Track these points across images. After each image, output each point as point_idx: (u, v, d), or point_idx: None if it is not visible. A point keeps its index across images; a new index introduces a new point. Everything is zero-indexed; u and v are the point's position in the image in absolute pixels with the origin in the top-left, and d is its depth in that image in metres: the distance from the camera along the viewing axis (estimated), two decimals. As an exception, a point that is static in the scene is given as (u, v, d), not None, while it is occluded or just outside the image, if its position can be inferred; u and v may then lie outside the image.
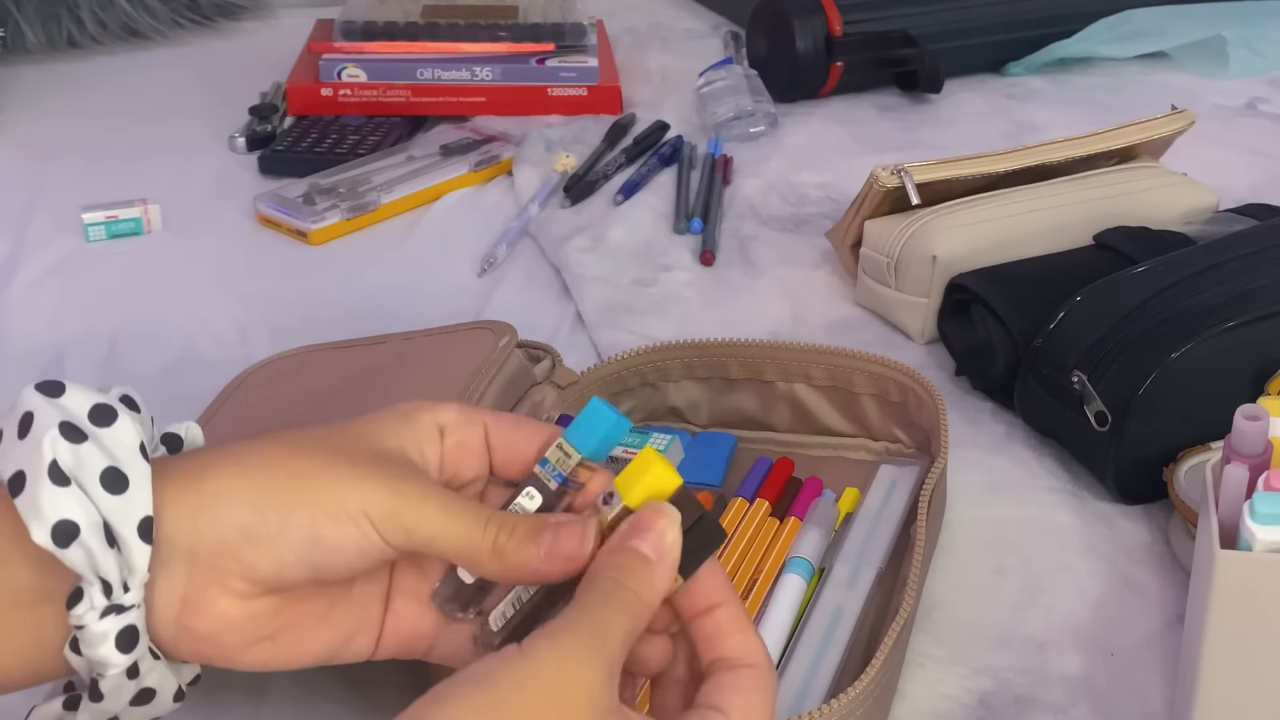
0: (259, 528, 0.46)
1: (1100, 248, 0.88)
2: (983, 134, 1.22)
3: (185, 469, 0.48)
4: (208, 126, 1.26)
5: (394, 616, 0.51)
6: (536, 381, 0.76)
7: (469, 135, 1.21)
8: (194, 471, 0.48)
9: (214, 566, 0.46)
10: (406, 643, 0.51)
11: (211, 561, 0.46)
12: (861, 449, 0.77)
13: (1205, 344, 0.71)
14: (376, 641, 0.51)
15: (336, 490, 0.47)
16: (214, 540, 0.46)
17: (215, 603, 0.47)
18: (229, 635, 0.47)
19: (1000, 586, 0.69)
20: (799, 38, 1.26)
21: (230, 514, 0.46)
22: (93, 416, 0.47)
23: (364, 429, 0.51)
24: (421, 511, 0.47)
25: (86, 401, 0.47)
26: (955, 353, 0.86)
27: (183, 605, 0.47)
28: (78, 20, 1.45)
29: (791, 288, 0.98)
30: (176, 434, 0.52)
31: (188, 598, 0.47)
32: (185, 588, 0.46)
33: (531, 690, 0.42)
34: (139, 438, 0.47)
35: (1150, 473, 0.72)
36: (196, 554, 0.46)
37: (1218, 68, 1.34)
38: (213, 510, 0.46)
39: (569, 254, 1.02)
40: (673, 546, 0.46)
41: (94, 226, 1.06)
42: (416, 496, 0.47)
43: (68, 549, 0.44)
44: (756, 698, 0.46)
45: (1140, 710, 0.62)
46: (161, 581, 0.46)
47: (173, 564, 0.46)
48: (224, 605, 0.47)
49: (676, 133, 1.23)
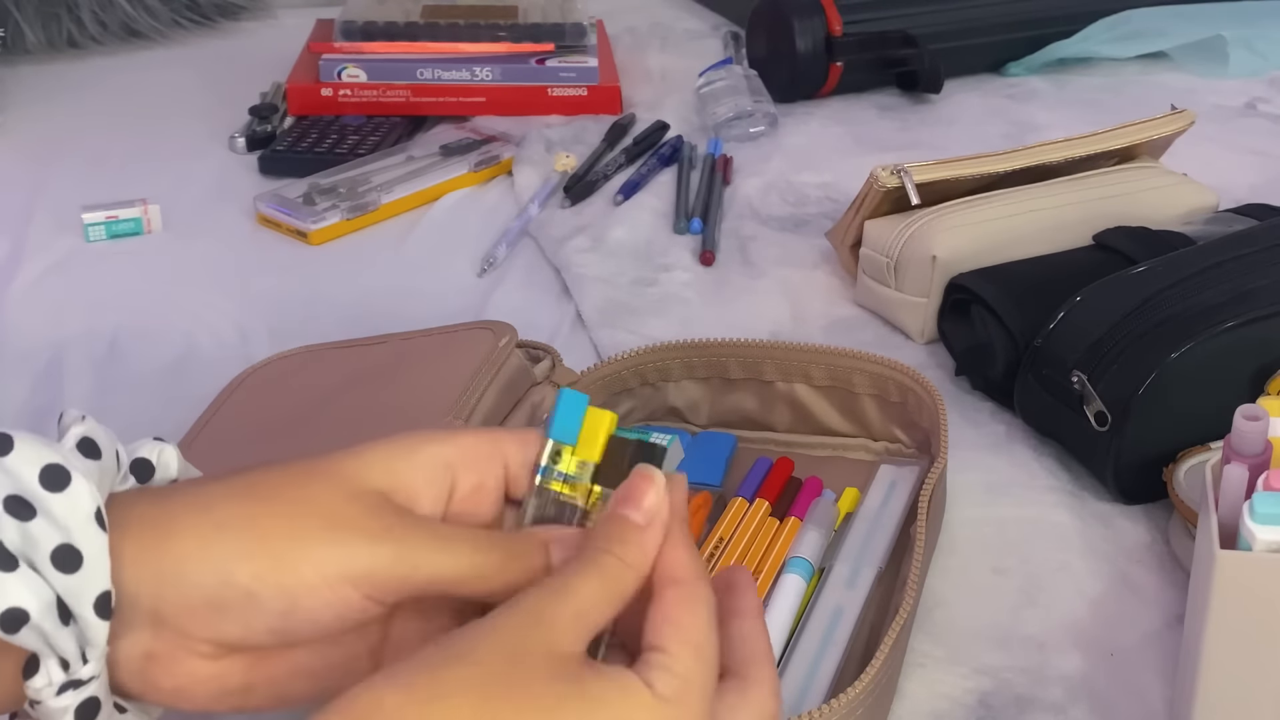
0: (227, 597, 0.43)
1: (1100, 248, 0.88)
2: (983, 134, 1.22)
3: (151, 521, 0.44)
4: (208, 126, 1.26)
5: (393, 649, 0.47)
6: (536, 382, 0.76)
7: (469, 135, 1.21)
8: (160, 526, 0.44)
9: (179, 629, 0.43)
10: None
11: (177, 625, 0.43)
12: (861, 449, 0.77)
13: (1205, 344, 0.71)
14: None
15: (312, 555, 0.43)
16: (179, 605, 0.43)
17: (182, 662, 0.44)
18: (198, 690, 0.44)
19: (1000, 586, 0.69)
20: (799, 38, 1.26)
21: (196, 580, 0.43)
22: (44, 480, 0.42)
23: (348, 466, 0.45)
24: (417, 555, 0.43)
25: (36, 462, 0.42)
26: (955, 353, 0.86)
27: (147, 661, 0.44)
28: (78, 20, 1.45)
29: (791, 288, 0.98)
30: (148, 460, 0.47)
31: (153, 654, 0.44)
32: (150, 645, 0.43)
33: (483, 640, 0.40)
34: (95, 502, 0.42)
35: (1150, 473, 0.72)
36: (161, 615, 0.43)
37: (1217, 68, 1.34)
38: (177, 575, 0.43)
39: (569, 254, 1.02)
40: (653, 507, 0.44)
41: (94, 226, 1.06)
42: (409, 541, 0.44)
43: (17, 634, 0.41)
44: (691, 622, 0.43)
45: (1140, 710, 0.62)
46: (124, 641, 0.43)
47: (136, 624, 0.43)
48: (191, 665, 0.44)
49: (676, 133, 1.23)
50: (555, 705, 0.39)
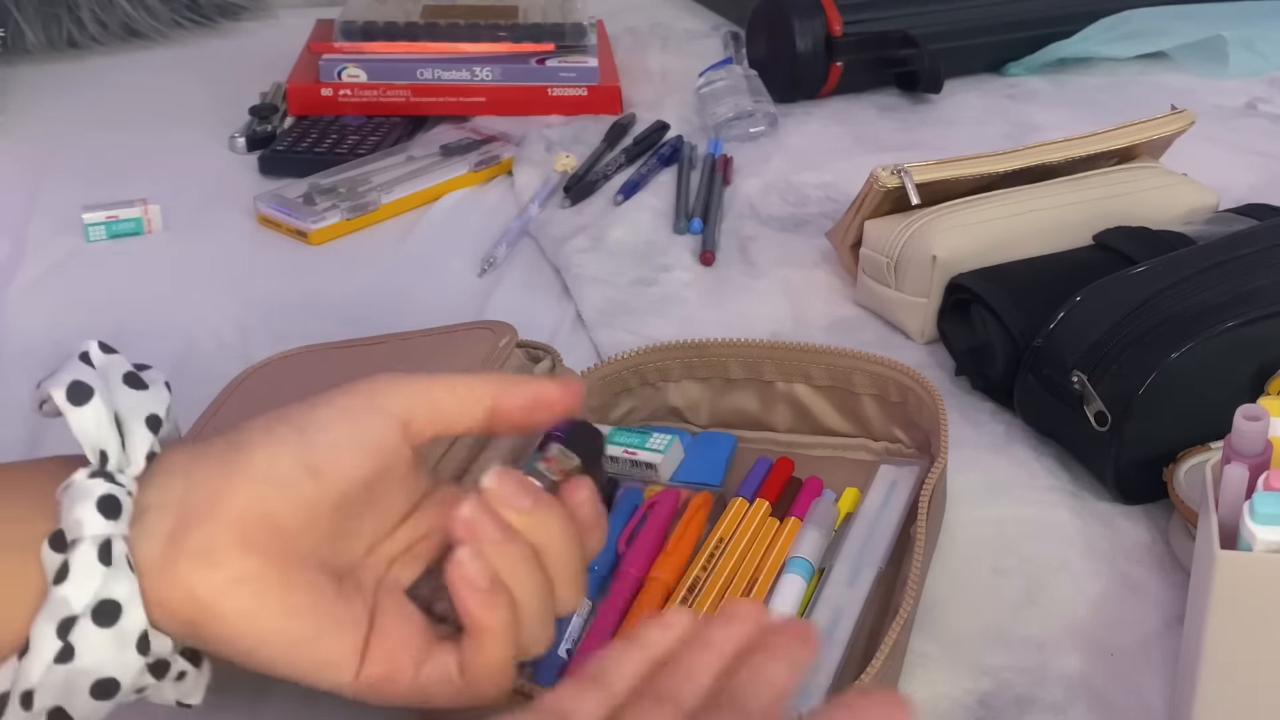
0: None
1: (1100, 248, 0.88)
2: (983, 134, 1.22)
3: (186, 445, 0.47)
4: (208, 126, 1.26)
5: (378, 637, 0.47)
6: (536, 381, 0.76)
7: (469, 135, 1.21)
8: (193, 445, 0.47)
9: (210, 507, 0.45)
10: (389, 665, 0.46)
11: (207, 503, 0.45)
12: (861, 449, 0.77)
13: (1205, 344, 0.71)
14: (361, 657, 0.46)
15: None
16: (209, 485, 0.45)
17: (211, 550, 0.44)
18: (221, 555, 0.44)
19: (1000, 586, 0.69)
20: (799, 38, 1.26)
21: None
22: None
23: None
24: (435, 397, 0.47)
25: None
26: (955, 353, 0.86)
27: (170, 542, 0.44)
28: (78, 20, 1.45)
29: (791, 288, 0.98)
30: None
31: (176, 536, 0.44)
32: (174, 524, 0.44)
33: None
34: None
35: (1150, 473, 0.72)
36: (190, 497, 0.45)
37: (1217, 68, 1.34)
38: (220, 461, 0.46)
39: (569, 254, 1.02)
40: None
41: (94, 226, 1.06)
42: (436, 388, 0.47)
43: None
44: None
45: (1140, 710, 0.62)
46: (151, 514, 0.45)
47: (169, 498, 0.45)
48: (223, 555, 0.44)
49: (676, 133, 1.23)
50: None
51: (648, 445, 0.75)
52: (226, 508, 0.44)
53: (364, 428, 0.46)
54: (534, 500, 0.46)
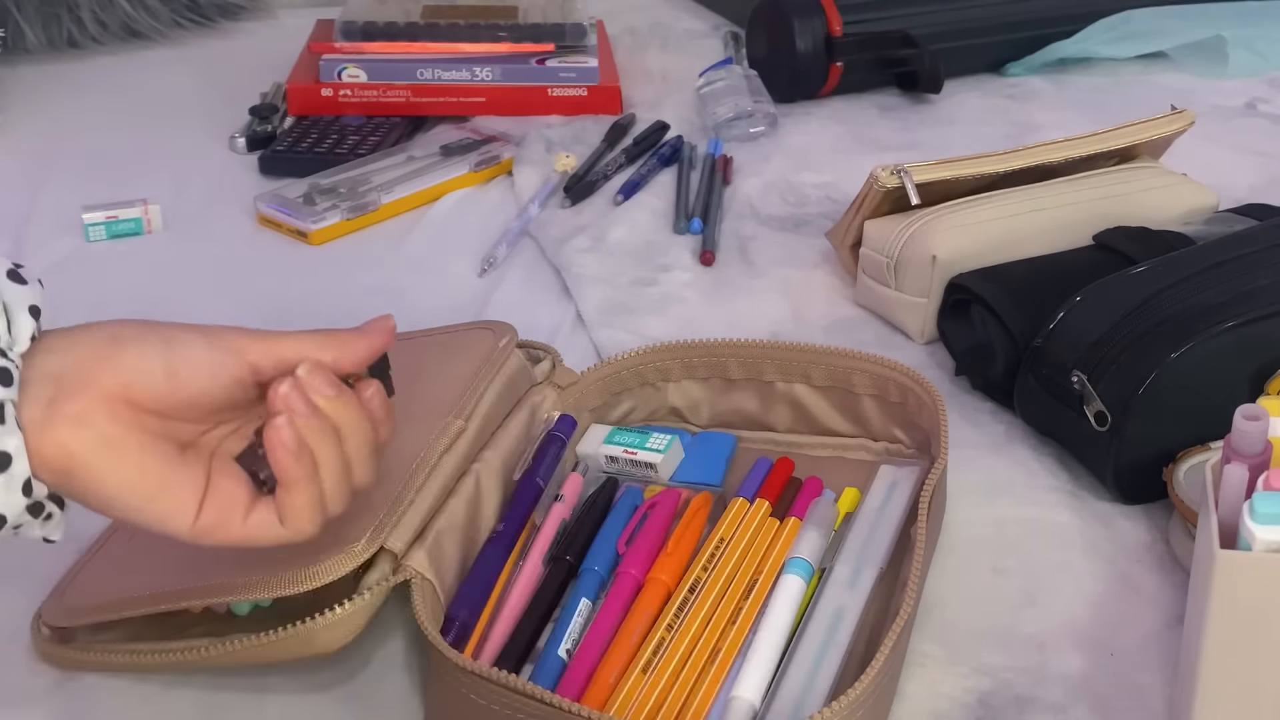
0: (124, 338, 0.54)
1: (1100, 248, 0.88)
2: (983, 134, 1.22)
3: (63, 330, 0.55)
4: (208, 126, 1.26)
5: (212, 493, 0.55)
6: (537, 382, 0.76)
7: (469, 135, 1.21)
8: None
9: (82, 376, 0.53)
10: (221, 513, 0.55)
11: (80, 372, 0.54)
12: (861, 449, 0.77)
13: (1205, 344, 0.71)
14: (200, 500, 0.55)
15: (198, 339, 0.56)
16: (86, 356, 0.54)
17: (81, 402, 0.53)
18: (91, 420, 0.53)
19: (1000, 586, 0.69)
20: (799, 38, 1.26)
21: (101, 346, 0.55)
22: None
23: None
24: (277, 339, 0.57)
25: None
26: (955, 353, 0.86)
27: (50, 405, 0.52)
28: (78, 20, 1.45)
29: (791, 288, 0.98)
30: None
31: (55, 397, 0.53)
32: (54, 389, 0.53)
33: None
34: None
35: (1150, 473, 0.72)
36: (65, 368, 0.53)
37: (1217, 68, 1.34)
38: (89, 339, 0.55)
39: (569, 254, 1.02)
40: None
41: (94, 226, 1.06)
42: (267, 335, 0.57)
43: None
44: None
45: (1140, 710, 0.62)
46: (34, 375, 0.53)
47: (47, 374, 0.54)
48: (87, 405, 0.53)
49: (676, 133, 1.23)
50: None
51: (648, 445, 0.75)
52: (98, 385, 0.53)
53: (219, 362, 0.55)
54: (336, 390, 0.56)
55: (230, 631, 0.60)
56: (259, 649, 0.58)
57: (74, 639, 0.65)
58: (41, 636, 0.66)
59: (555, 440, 0.73)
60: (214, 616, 0.64)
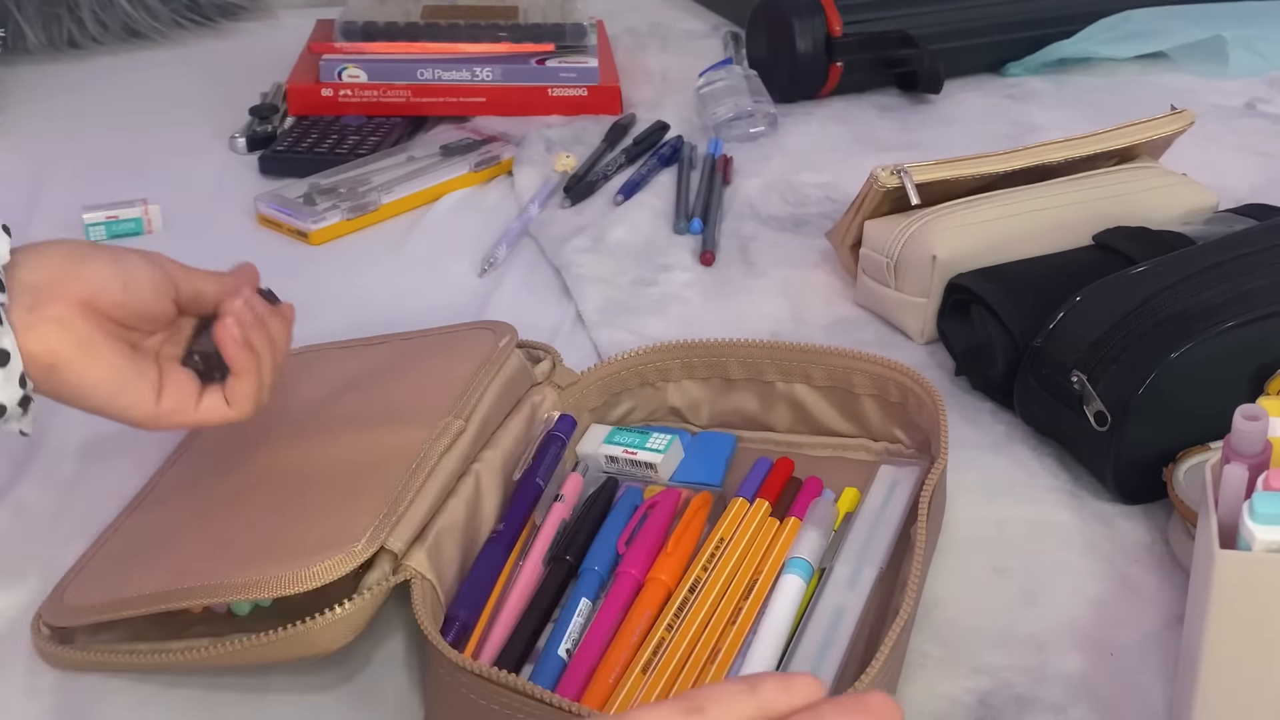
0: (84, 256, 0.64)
1: (1100, 248, 0.88)
2: (983, 134, 1.22)
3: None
4: (208, 126, 1.26)
5: (166, 384, 0.65)
6: (537, 382, 0.76)
7: (469, 135, 1.21)
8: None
9: (55, 287, 0.62)
10: (179, 400, 0.65)
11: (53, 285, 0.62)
12: (861, 449, 0.77)
13: (1205, 344, 0.71)
14: (158, 392, 0.64)
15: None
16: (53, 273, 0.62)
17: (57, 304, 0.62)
18: (70, 322, 0.61)
19: (1000, 586, 0.69)
20: (799, 38, 1.26)
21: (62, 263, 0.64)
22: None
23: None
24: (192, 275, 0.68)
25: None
26: (955, 353, 0.86)
27: (34, 300, 0.61)
28: (78, 20, 1.45)
29: (791, 288, 0.98)
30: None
31: (35, 302, 0.61)
32: (33, 298, 0.61)
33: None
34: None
35: (1150, 473, 0.72)
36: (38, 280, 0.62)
37: (1217, 68, 1.35)
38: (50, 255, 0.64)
39: (569, 254, 1.02)
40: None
41: (94, 227, 1.06)
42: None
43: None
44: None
45: (1140, 710, 0.62)
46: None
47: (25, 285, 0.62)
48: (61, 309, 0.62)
49: (676, 133, 1.23)
50: None
51: (648, 445, 0.75)
52: (71, 293, 0.62)
53: (157, 279, 0.65)
54: (270, 309, 0.68)
55: (230, 631, 0.61)
56: (259, 649, 0.58)
57: (74, 639, 0.65)
58: (41, 636, 0.66)
59: (555, 440, 0.73)
60: (214, 616, 0.64)
